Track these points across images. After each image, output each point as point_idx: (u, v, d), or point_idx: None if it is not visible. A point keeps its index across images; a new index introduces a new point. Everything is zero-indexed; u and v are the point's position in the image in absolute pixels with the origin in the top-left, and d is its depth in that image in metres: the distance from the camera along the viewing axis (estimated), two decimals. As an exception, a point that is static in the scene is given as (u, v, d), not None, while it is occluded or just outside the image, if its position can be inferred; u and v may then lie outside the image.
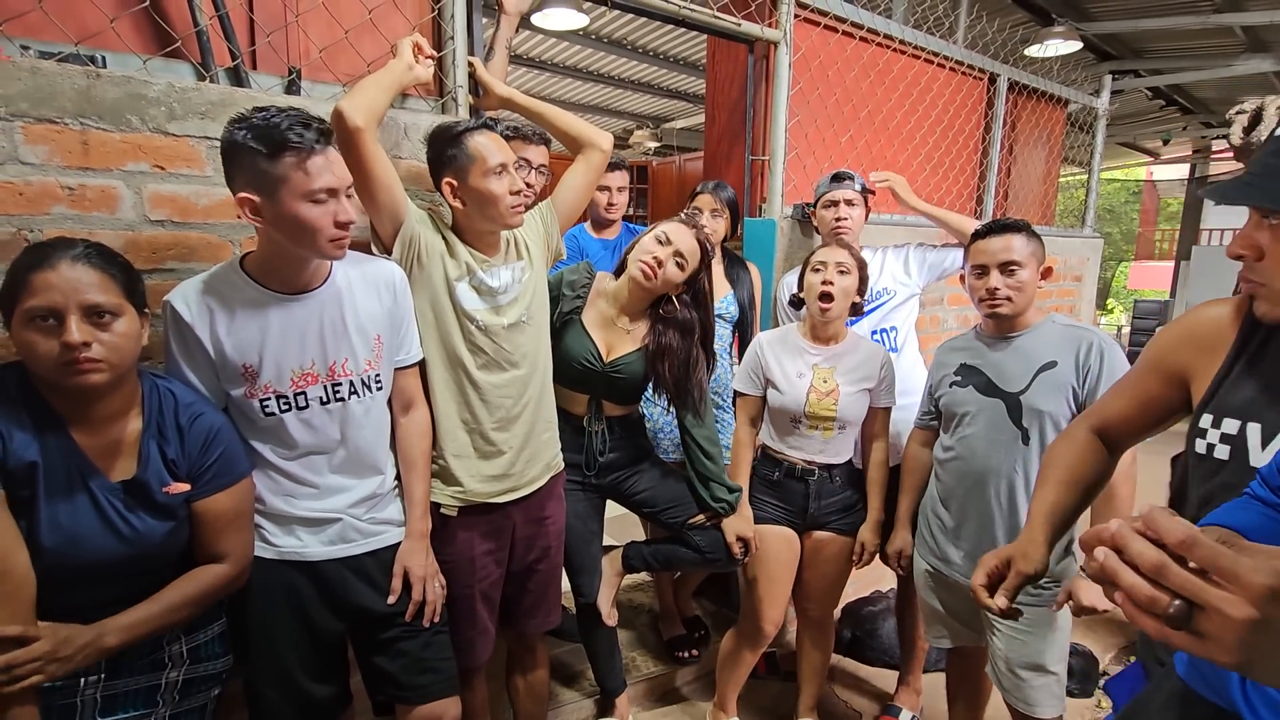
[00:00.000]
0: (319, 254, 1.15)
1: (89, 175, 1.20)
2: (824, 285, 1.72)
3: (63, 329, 0.92)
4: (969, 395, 1.59)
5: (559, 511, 1.64)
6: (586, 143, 1.56)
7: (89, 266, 0.95)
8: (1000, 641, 1.57)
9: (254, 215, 1.09)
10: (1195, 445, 0.90)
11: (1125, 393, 1.06)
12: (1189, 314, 0.99)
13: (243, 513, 1.17)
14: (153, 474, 1.04)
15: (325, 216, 1.11)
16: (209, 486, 1.10)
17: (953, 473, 1.63)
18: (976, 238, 1.58)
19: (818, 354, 1.80)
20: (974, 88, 3.04)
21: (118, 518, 1.02)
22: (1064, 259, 3.37)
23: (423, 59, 1.40)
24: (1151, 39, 4.75)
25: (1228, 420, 0.86)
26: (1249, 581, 0.44)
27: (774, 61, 2.26)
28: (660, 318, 1.70)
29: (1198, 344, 0.94)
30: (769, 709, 2.19)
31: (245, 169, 1.07)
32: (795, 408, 1.77)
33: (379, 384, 1.29)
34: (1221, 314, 0.92)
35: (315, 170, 1.08)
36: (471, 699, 1.57)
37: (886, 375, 1.80)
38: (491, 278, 1.43)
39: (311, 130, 1.08)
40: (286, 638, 1.25)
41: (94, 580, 1.02)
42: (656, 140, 7.58)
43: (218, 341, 1.14)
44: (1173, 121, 6.83)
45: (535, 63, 5.59)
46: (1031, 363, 1.52)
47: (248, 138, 1.06)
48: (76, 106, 1.17)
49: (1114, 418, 1.07)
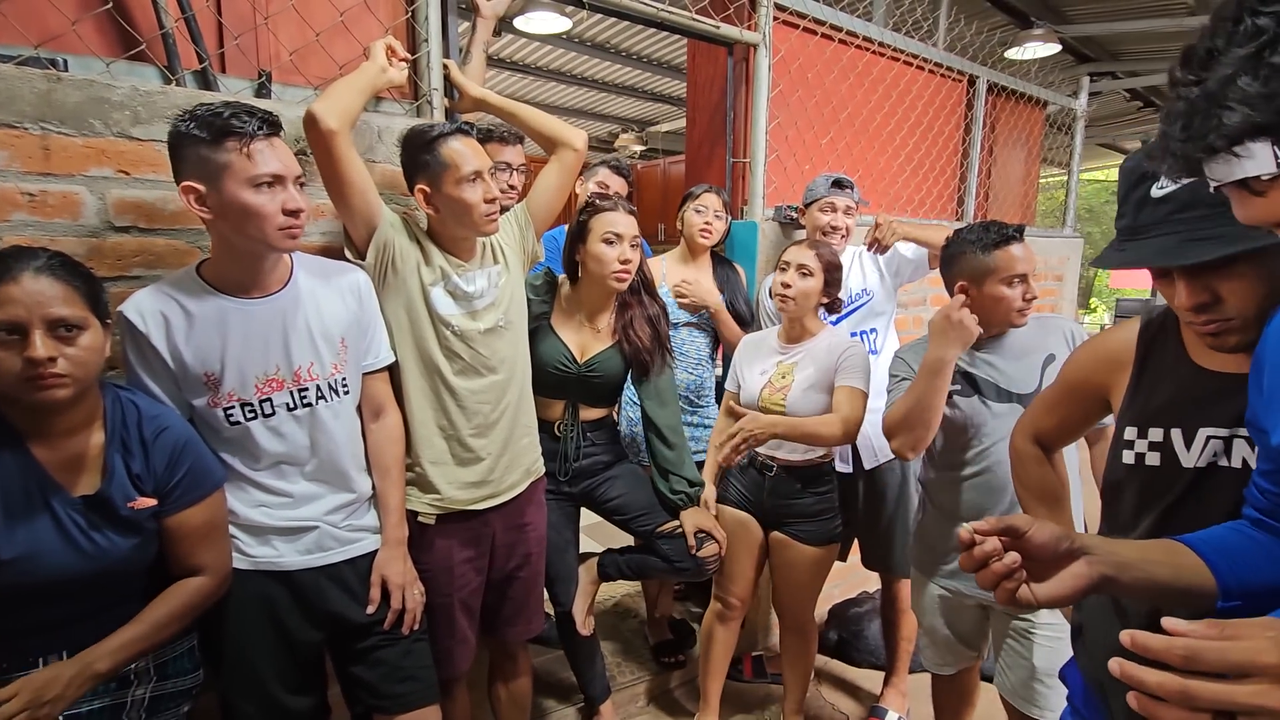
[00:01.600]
0: (268, 244, 1.12)
1: (50, 181, 1.17)
2: (783, 287, 1.75)
3: (26, 344, 0.90)
4: (978, 406, 1.52)
5: (539, 518, 1.62)
6: (560, 142, 1.54)
7: (53, 278, 0.92)
8: (1026, 652, 1.51)
9: (199, 205, 1.07)
10: (1123, 457, 0.95)
11: (1053, 411, 1.19)
12: (1099, 337, 1.10)
13: (217, 525, 1.14)
14: (116, 489, 1.02)
15: (272, 204, 1.08)
16: (180, 502, 1.08)
17: (979, 489, 1.54)
18: (996, 246, 1.46)
19: (785, 353, 1.82)
20: (954, 89, 3.06)
21: (79, 534, 0.99)
22: (1045, 259, 3.40)
23: (396, 61, 1.38)
24: (1128, 41, 4.81)
25: (1152, 430, 0.92)
26: (1266, 664, 0.45)
27: (754, 64, 2.26)
28: (620, 301, 1.74)
29: (1113, 364, 1.02)
30: (755, 712, 2.18)
31: (188, 159, 1.06)
32: (751, 402, 1.81)
33: (346, 388, 1.27)
34: (1128, 334, 1.01)
35: (259, 156, 1.06)
36: (452, 708, 1.54)
37: (848, 360, 1.73)
38: (467, 282, 1.41)
39: (255, 118, 1.07)
40: (262, 650, 1.23)
41: (58, 597, 1.00)
42: (641, 144, 7.59)
43: (175, 350, 1.12)
44: (1150, 122, 6.93)
45: (519, 66, 5.57)
46: (1032, 360, 1.50)
47: (190, 126, 1.04)
48: (37, 111, 1.14)
49: (1045, 431, 1.21)
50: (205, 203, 1.07)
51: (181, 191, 1.06)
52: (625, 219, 1.64)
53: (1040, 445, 1.23)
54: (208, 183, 1.06)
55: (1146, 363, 0.96)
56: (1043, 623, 1.52)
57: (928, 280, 2.23)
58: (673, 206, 2.40)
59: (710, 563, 1.73)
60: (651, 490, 1.78)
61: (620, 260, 1.62)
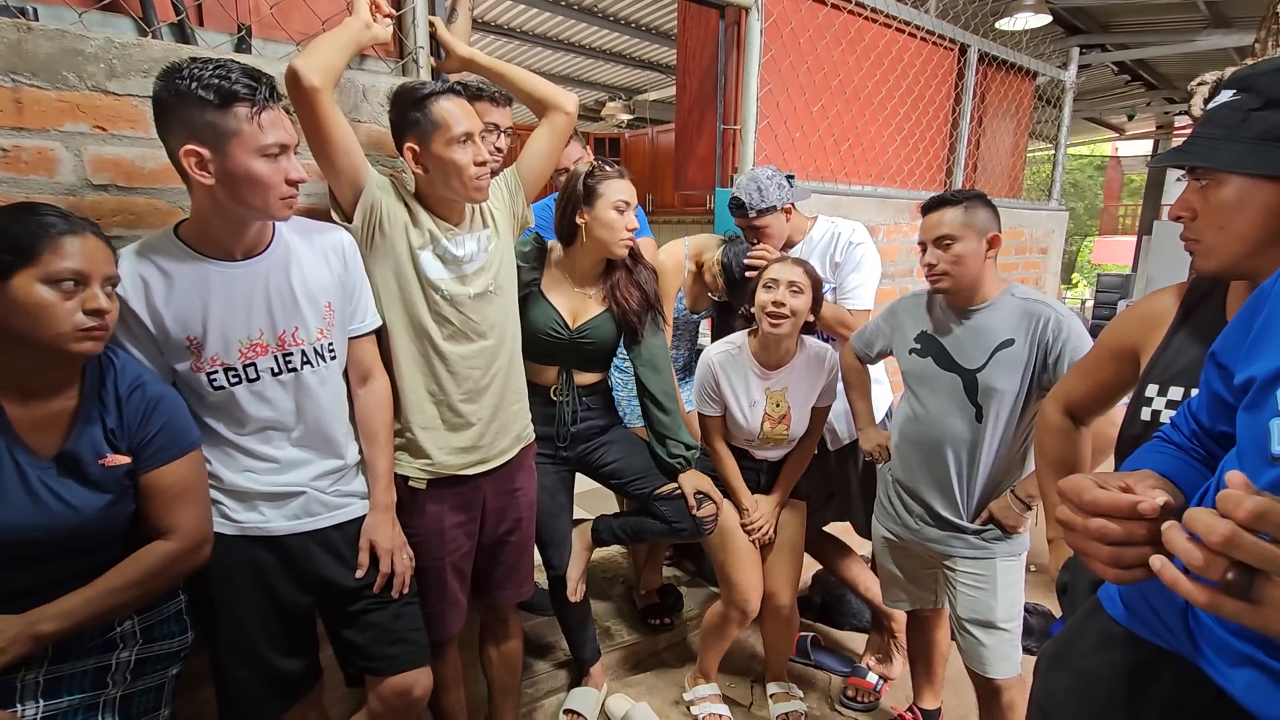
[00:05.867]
0: (268, 213, 1.11)
1: (24, 136, 1.13)
2: (775, 305, 1.68)
3: (84, 294, 0.94)
4: (927, 366, 1.62)
5: (530, 483, 1.63)
6: (551, 104, 1.52)
7: (99, 240, 0.97)
8: (953, 598, 1.64)
9: (199, 170, 1.04)
10: (1141, 413, 0.96)
11: (1087, 376, 1.18)
12: (1142, 300, 1.09)
13: (193, 485, 1.12)
14: (85, 445, 1.00)
15: (277, 173, 1.07)
16: (155, 459, 1.06)
17: (912, 440, 1.66)
18: (922, 213, 1.60)
19: (768, 379, 1.81)
20: (945, 58, 3.03)
21: (47, 493, 0.97)
22: (1029, 232, 3.42)
23: (381, 18, 1.34)
24: (1118, 13, 4.78)
25: (1173, 388, 0.92)
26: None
27: (745, 28, 2.22)
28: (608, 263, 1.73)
29: (1149, 324, 1.03)
30: (742, 671, 2.24)
31: (188, 121, 1.02)
32: (752, 435, 1.83)
33: (332, 353, 1.26)
34: (1169, 296, 1.02)
35: (268, 124, 1.05)
36: (443, 670, 1.56)
37: (831, 377, 1.84)
38: (456, 246, 1.39)
39: (263, 84, 1.05)
40: (252, 613, 1.23)
41: (29, 560, 0.98)
42: (629, 113, 7.47)
43: (156, 314, 1.10)
44: (1137, 97, 6.94)
45: (504, 30, 5.44)
46: (989, 341, 1.54)
47: (193, 87, 1.00)
48: (7, 62, 1.10)
49: (1078, 398, 1.20)
50: (207, 167, 1.04)
51: (182, 155, 1.03)
52: (630, 187, 1.65)
53: (1071, 416, 1.22)
54: (212, 147, 1.03)
55: (1184, 324, 0.96)
56: (961, 570, 1.63)
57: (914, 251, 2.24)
58: (661, 176, 2.39)
59: (708, 523, 1.75)
60: (648, 454, 1.79)
61: (628, 228, 1.63)
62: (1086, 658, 0.82)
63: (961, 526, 1.61)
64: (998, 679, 1.60)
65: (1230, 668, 0.62)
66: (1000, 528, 1.58)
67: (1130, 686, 0.75)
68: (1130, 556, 0.60)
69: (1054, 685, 0.86)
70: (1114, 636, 0.79)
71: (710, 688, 2.04)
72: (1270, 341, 0.60)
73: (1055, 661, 0.88)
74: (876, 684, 2.12)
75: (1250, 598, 0.47)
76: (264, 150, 1.05)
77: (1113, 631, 0.79)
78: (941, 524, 1.63)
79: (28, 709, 0.99)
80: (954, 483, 1.60)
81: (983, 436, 1.56)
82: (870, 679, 2.13)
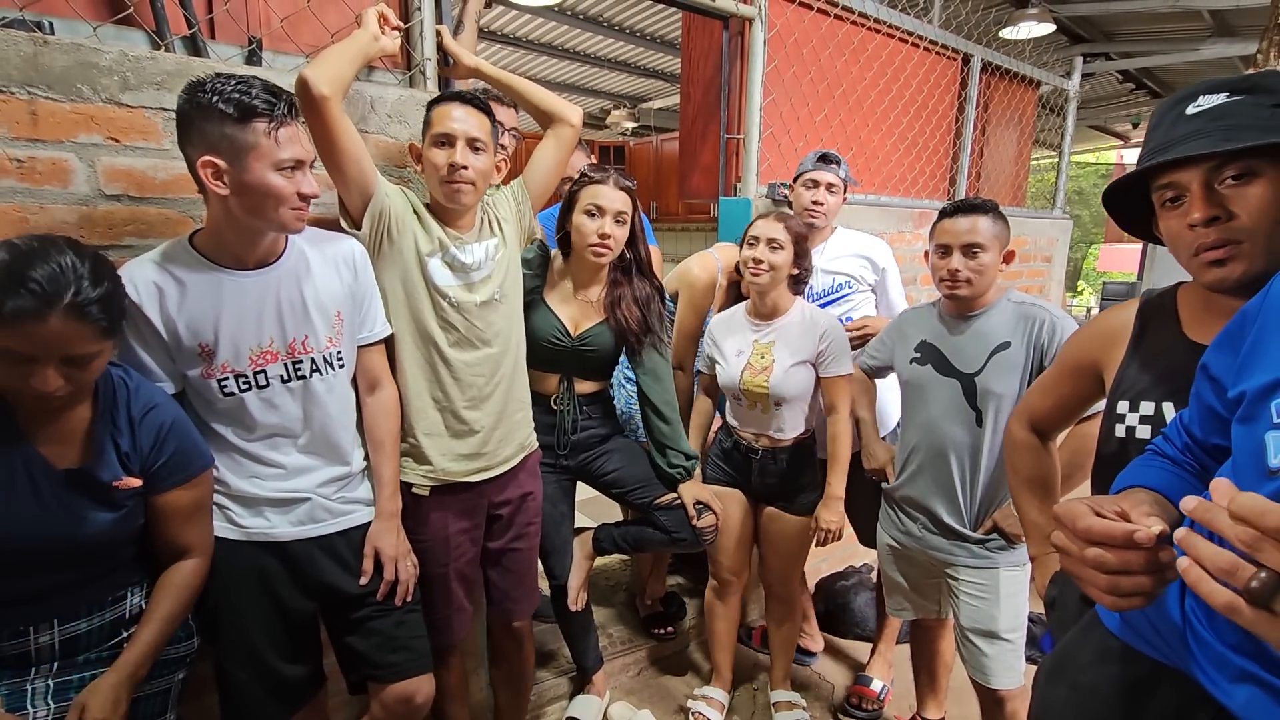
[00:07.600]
0: (278, 225, 1.13)
1: (39, 147, 1.15)
2: (754, 261, 1.73)
3: (35, 374, 0.89)
4: (928, 374, 1.63)
5: (537, 489, 1.63)
6: (556, 117, 1.53)
7: (80, 322, 0.89)
8: (957, 608, 1.64)
9: (215, 180, 1.06)
10: (1115, 431, 0.97)
11: (1049, 392, 1.19)
12: (1100, 316, 1.09)
13: (203, 505, 1.16)
14: (105, 468, 1.01)
15: (290, 187, 1.09)
16: (166, 483, 1.08)
17: (915, 449, 1.67)
18: (943, 216, 1.58)
19: (759, 330, 1.82)
20: (948, 68, 3.05)
21: (58, 506, 0.98)
22: (1034, 240, 3.42)
23: (389, 30, 1.36)
24: (1122, 22, 4.79)
25: (1144, 403, 0.93)
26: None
27: (749, 38, 2.24)
28: (613, 278, 1.72)
29: (1108, 340, 1.03)
30: (746, 678, 2.23)
31: (208, 133, 1.04)
32: (732, 385, 1.82)
33: (341, 361, 1.27)
34: (1126, 313, 1.02)
35: (285, 140, 1.07)
36: (447, 677, 1.57)
37: (830, 345, 1.76)
38: (464, 254, 1.41)
39: (282, 100, 1.07)
40: (256, 619, 1.24)
41: (39, 566, 0.99)
42: (634, 120, 7.50)
43: (169, 321, 1.12)
44: (1142, 105, 6.92)
45: (510, 39, 5.48)
46: (987, 344, 1.55)
47: (214, 100, 1.03)
48: (23, 75, 1.12)
49: (1042, 414, 1.21)
50: (223, 178, 1.06)
51: (200, 166, 1.05)
52: (613, 193, 1.61)
53: (1036, 431, 1.23)
54: (229, 160, 1.05)
55: (1143, 338, 0.97)
56: (964, 580, 1.61)
57: (917, 259, 2.25)
58: (666, 184, 2.40)
59: (708, 533, 1.75)
60: (648, 463, 1.80)
61: (599, 234, 1.59)
62: (1084, 671, 0.82)
63: (965, 535, 1.61)
64: (1001, 689, 1.59)
65: (1230, 683, 0.62)
66: (1004, 537, 1.58)
67: (1128, 701, 0.75)
68: (1127, 585, 0.59)
69: (1052, 698, 0.86)
70: (1111, 650, 0.79)
71: (717, 691, 2.04)
72: (1263, 355, 0.61)
73: (1053, 675, 0.88)
74: (880, 692, 2.11)
75: (1272, 607, 0.46)
76: (279, 164, 1.07)
77: (1110, 645, 0.79)
78: (946, 532, 1.63)
79: (38, 711, 1.00)
80: (958, 489, 1.60)
81: (983, 441, 1.56)
82: (874, 687, 2.13)
